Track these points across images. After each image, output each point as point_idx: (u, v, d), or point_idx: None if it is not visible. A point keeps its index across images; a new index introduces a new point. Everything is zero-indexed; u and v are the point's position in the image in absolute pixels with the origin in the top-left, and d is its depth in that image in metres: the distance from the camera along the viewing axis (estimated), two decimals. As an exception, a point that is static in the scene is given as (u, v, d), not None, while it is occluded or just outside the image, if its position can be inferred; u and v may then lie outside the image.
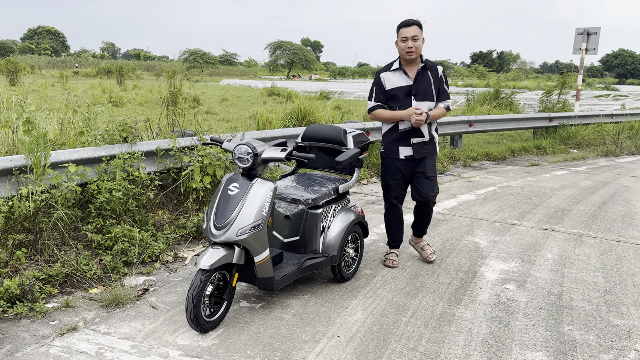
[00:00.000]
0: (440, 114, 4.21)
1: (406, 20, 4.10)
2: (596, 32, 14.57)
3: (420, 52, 4.12)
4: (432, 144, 4.28)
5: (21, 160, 4.20)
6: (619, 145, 12.55)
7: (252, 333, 3.26)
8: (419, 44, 4.06)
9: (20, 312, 3.37)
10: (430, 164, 4.29)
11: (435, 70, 4.19)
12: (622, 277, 4.39)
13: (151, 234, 4.57)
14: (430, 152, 4.29)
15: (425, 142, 4.24)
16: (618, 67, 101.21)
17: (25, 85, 22.07)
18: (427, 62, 4.17)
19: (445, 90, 4.23)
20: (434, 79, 4.17)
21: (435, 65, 4.20)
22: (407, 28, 4.05)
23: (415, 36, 4.03)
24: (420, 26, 4.09)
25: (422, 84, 4.14)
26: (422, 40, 4.09)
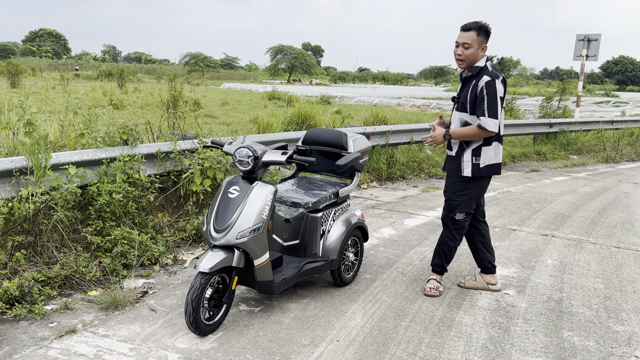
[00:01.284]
0: (467, 133, 3.71)
1: (465, 24, 3.73)
2: (597, 38, 14.60)
3: (475, 61, 3.71)
4: (456, 161, 3.86)
5: (22, 161, 4.20)
6: (619, 151, 12.56)
7: (251, 337, 3.25)
8: (469, 53, 3.67)
9: (19, 313, 3.36)
10: (447, 182, 3.97)
11: (479, 79, 3.67)
12: (622, 283, 4.38)
13: (151, 237, 4.56)
14: (452, 170, 3.90)
15: (451, 158, 3.92)
16: (618, 74, 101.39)
17: (26, 87, 22.08)
18: (477, 70, 3.72)
19: (480, 106, 3.64)
20: (473, 88, 3.70)
21: (483, 75, 3.67)
22: (462, 33, 3.71)
23: (467, 44, 3.66)
24: (480, 32, 3.67)
25: (464, 93, 3.78)
26: (480, 48, 3.68)
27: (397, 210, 6.51)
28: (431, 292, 3.96)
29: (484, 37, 3.71)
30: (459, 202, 3.87)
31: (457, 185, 3.87)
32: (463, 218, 3.91)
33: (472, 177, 3.80)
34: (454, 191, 3.88)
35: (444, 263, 4.04)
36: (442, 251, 4.02)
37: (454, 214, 3.90)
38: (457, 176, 3.86)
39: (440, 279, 4.07)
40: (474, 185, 3.84)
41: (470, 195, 3.85)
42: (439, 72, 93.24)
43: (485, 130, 3.64)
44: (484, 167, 3.79)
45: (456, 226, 3.93)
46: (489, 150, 3.78)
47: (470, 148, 3.79)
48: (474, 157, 3.78)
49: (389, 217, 6.17)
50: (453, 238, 3.97)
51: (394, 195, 7.37)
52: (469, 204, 3.88)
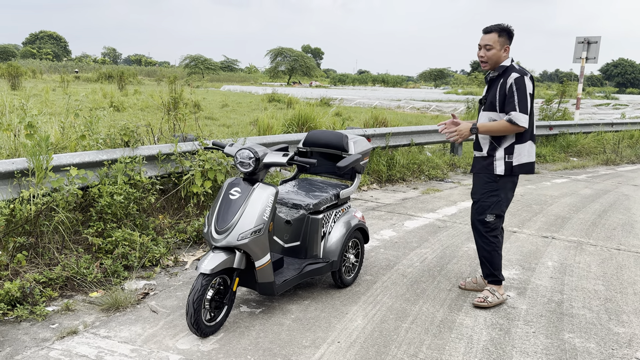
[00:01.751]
0: (496, 128, 3.62)
1: (487, 26, 3.73)
2: (596, 41, 14.64)
3: (498, 62, 3.71)
4: (488, 160, 3.76)
5: (23, 163, 4.21)
6: (619, 153, 12.58)
7: (252, 338, 3.26)
8: (492, 54, 3.68)
9: (20, 315, 3.36)
10: (475, 182, 3.86)
11: (507, 77, 3.65)
12: (623, 285, 4.39)
13: (152, 238, 4.57)
14: (482, 170, 3.79)
15: (482, 157, 3.81)
16: (618, 77, 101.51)
17: (26, 89, 22.10)
18: (504, 69, 3.71)
19: (510, 101, 3.59)
20: (500, 86, 3.66)
21: (511, 72, 3.65)
22: (483, 35, 3.72)
23: (489, 45, 3.67)
24: (502, 33, 3.68)
25: (491, 94, 3.73)
26: (502, 49, 3.68)
27: (397, 212, 6.52)
28: (477, 302, 3.81)
29: (506, 39, 3.69)
30: (489, 204, 3.76)
31: (488, 185, 3.76)
32: (494, 220, 3.78)
33: (504, 175, 3.71)
34: (484, 192, 3.78)
35: (492, 272, 3.86)
36: (483, 258, 3.88)
37: (484, 216, 3.79)
38: (488, 176, 3.76)
39: (496, 290, 3.88)
40: (504, 184, 3.75)
41: (500, 195, 3.75)
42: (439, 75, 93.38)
43: (515, 125, 3.55)
44: (517, 166, 3.70)
45: (487, 229, 3.81)
46: (522, 148, 3.70)
47: (503, 146, 3.71)
48: (506, 155, 3.70)
49: (389, 218, 6.18)
50: (488, 242, 3.82)
51: (394, 197, 7.38)
52: (500, 205, 3.77)
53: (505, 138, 3.71)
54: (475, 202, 3.85)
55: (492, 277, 3.89)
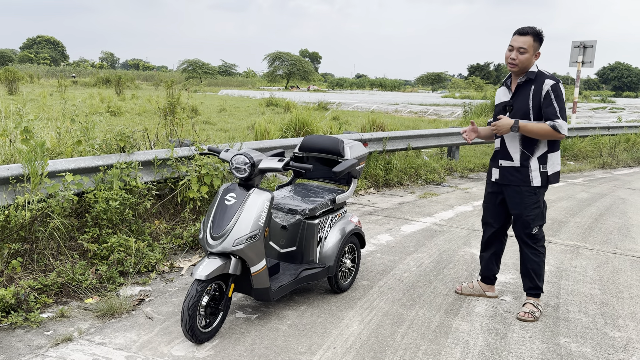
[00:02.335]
0: (538, 131, 3.50)
1: (522, 28, 3.60)
2: (592, 45, 14.68)
3: (528, 67, 3.59)
4: (522, 172, 3.65)
5: (18, 169, 4.20)
6: (615, 157, 12.60)
7: (248, 344, 3.25)
8: (525, 58, 3.54)
9: (14, 321, 3.35)
10: (513, 197, 3.71)
11: (541, 83, 3.54)
12: (619, 289, 4.39)
13: (147, 244, 4.56)
14: (517, 182, 3.66)
15: (514, 168, 3.67)
16: (614, 80, 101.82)
17: (23, 94, 22.09)
18: (534, 75, 3.59)
19: (551, 108, 3.49)
20: (534, 93, 3.55)
21: (544, 79, 3.54)
22: (518, 37, 3.57)
23: (523, 48, 3.53)
24: (536, 38, 3.56)
25: (520, 100, 3.61)
26: (534, 55, 3.57)
27: (394, 216, 6.52)
28: (525, 317, 3.70)
29: (539, 44, 3.60)
30: (533, 216, 3.67)
31: (529, 199, 3.65)
32: (539, 231, 3.73)
33: (541, 186, 3.64)
34: (526, 206, 3.66)
35: (537, 284, 3.78)
36: (531, 271, 3.77)
37: (530, 230, 3.70)
38: (527, 189, 3.65)
39: (538, 303, 3.80)
40: (542, 194, 3.69)
41: (541, 206, 3.69)
42: (436, 79, 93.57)
43: (557, 132, 3.47)
44: (551, 175, 3.66)
45: (534, 240, 3.74)
46: (554, 157, 3.66)
47: (536, 156, 3.62)
48: (541, 166, 3.62)
49: (386, 223, 6.18)
50: (537, 253, 3.75)
51: (391, 202, 7.38)
52: (543, 215, 3.72)
53: (538, 147, 3.62)
54: (518, 216, 3.73)
55: (535, 290, 3.81)
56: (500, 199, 3.86)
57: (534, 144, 3.62)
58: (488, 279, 4.09)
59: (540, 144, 3.62)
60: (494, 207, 3.92)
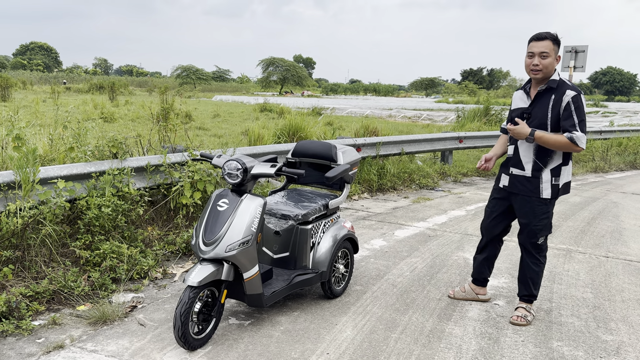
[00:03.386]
0: (554, 143, 3.42)
1: (538, 33, 3.52)
2: (584, 50, 14.78)
3: (551, 73, 3.51)
4: (533, 183, 3.60)
5: (10, 176, 4.18)
6: (607, 161, 12.68)
7: (241, 350, 3.24)
8: (548, 62, 3.46)
9: (6, 329, 3.32)
10: (522, 206, 3.69)
11: (561, 94, 3.45)
12: (611, 292, 4.41)
13: (140, 250, 4.54)
14: (527, 192, 3.63)
15: (525, 178, 3.63)
16: (607, 85, 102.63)
17: (16, 100, 22.00)
18: (556, 84, 3.51)
19: (570, 120, 3.41)
20: (554, 103, 3.47)
21: (566, 89, 3.45)
22: (537, 42, 3.49)
23: (545, 53, 3.45)
24: (555, 42, 3.49)
25: (538, 108, 3.54)
26: (556, 58, 3.50)
27: (387, 221, 6.53)
28: (518, 321, 3.71)
29: (558, 47, 3.52)
30: (540, 227, 3.66)
31: (538, 209, 3.63)
32: (544, 241, 3.74)
33: (551, 198, 3.61)
34: (535, 215, 3.64)
35: (532, 291, 3.79)
36: (529, 279, 3.77)
37: (536, 240, 3.70)
38: (537, 200, 3.62)
39: (530, 308, 3.80)
40: (552, 205, 3.67)
41: (549, 217, 3.68)
42: (430, 84, 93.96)
43: (575, 145, 3.39)
44: (562, 187, 3.62)
45: (538, 250, 3.74)
46: (567, 169, 3.61)
47: (549, 168, 3.56)
48: (553, 178, 3.57)
49: (379, 228, 6.18)
50: (538, 262, 3.76)
51: (385, 206, 7.39)
52: (550, 226, 3.71)
53: (552, 159, 3.56)
54: (525, 224, 3.72)
55: (529, 296, 3.81)
56: (506, 206, 3.83)
57: (548, 155, 3.56)
58: (478, 281, 4.10)
59: (554, 156, 3.57)
60: (496, 214, 3.91)
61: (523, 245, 3.81)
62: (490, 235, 3.98)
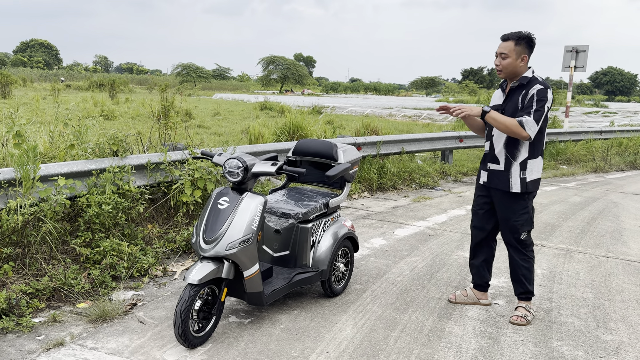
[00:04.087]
0: (504, 122, 3.50)
1: (504, 34, 3.65)
2: (584, 49, 14.80)
3: (515, 71, 3.62)
4: (505, 176, 3.67)
5: (10, 173, 4.18)
6: (608, 161, 12.68)
7: (241, 349, 3.24)
8: (507, 63, 3.59)
9: (6, 326, 3.33)
10: (501, 201, 3.74)
11: (530, 88, 3.57)
12: (611, 292, 4.41)
13: (140, 248, 4.54)
14: (501, 186, 3.69)
15: (500, 172, 3.69)
16: (607, 85, 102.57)
17: (16, 98, 22.00)
18: (527, 80, 3.61)
19: (529, 107, 3.51)
20: (522, 98, 3.57)
21: (535, 84, 3.57)
22: (501, 43, 3.64)
23: (504, 54, 3.59)
24: (519, 42, 3.58)
25: (511, 103, 3.64)
26: (519, 59, 3.58)
27: (388, 220, 6.53)
28: (518, 321, 3.72)
29: (524, 47, 3.59)
30: (521, 222, 3.70)
31: (517, 204, 3.68)
32: (527, 236, 3.75)
33: (521, 192, 3.65)
34: (515, 211, 3.69)
35: (528, 288, 3.81)
36: (522, 277, 3.79)
37: (519, 235, 3.73)
38: (514, 195, 3.67)
39: (530, 307, 3.82)
40: (529, 200, 3.70)
41: (529, 212, 3.71)
42: (430, 83, 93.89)
43: (522, 128, 3.45)
44: (530, 182, 3.65)
45: (523, 246, 3.76)
46: (534, 164, 3.65)
47: (518, 161, 3.64)
48: (521, 172, 3.63)
49: (379, 227, 6.18)
50: (526, 258, 3.77)
51: (385, 205, 7.39)
52: (531, 220, 3.74)
53: (520, 152, 3.63)
54: (505, 220, 3.75)
55: (526, 294, 3.83)
56: (491, 202, 3.86)
57: (515, 148, 3.64)
58: (480, 286, 4.07)
59: (521, 149, 3.63)
60: (483, 212, 3.92)
61: (508, 243, 3.83)
62: (482, 234, 3.95)
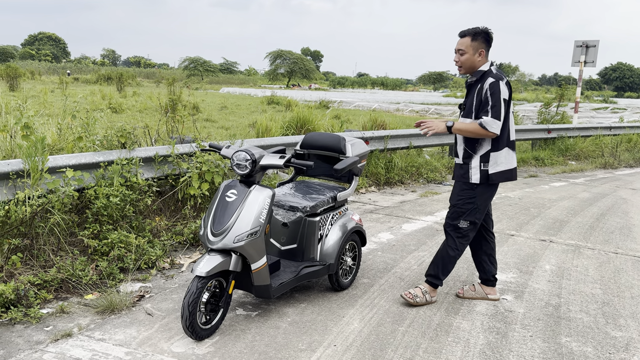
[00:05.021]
0: (468, 128, 3.57)
1: (461, 30, 3.69)
2: (595, 45, 14.64)
3: (474, 67, 3.67)
4: (464, 168, 3.74)
5: (18, 164, 4.19)
6: (617, 157, 12.58)
7: (248, 341, 3.24)
8: (465, 59, 3.64)
9: (14, 317, 3.34)
10: (455, 189, 3.81)
11: (484, 82, 3.60)
12: (620, 289, 4.38)
13: (148, 240, 4.55)
14: (459, 178, 3.78)
15: (459, 165, 3.80)
16: (616, 80, 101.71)
17: (24, 90, 22.09)
18: (481, 74, 3.65)
19: (485, 105, 3.54)
20: (477, 93, 3.62)
21: (487, 77, 3.59)
22: (459, 39, 3.69)
23: (461, 50, 3.64)
24: (475, 37, 3.62)
25: (469, 99, 3.72)
26: (477, 54, 3.63)
27: (395, 215, 6.51)
28: (407, 297, 3.81)
29: (481, 43, 3.63)
30: (464, 210, 3.73)
31: (465, 192, 3.73)
32: (467, 227, 3.75)
33: (480, 183, 3.68)
34: (460, 198, 3.74)
35: (439, 274, 3.84)
36: (440, 260, 3.84)
37: (458, 222, 3.76)
38: (465, 183, 3.73)
39: (427, 292, 3.86)
40: (481, 192, 3.70)
41: (476, 203, 3.71)
42: (438, 78, 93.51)
43: (485, 129, 3.50)
44: (493, 174, 3.65)
45: (459, 234, 3.78)
46: (498, 156, 3.65)
47: (479, 154, 3.66)
48: (482, 164, 3.65)
49: (387, 221, 6.16)
50: (455, 247, 3.80)
51: (392, 200, 7.37)
52: (475, 212, 3.73)
53: (481, 145, 3.65)
54: (452, 206, 3.81)
55: (434, 279, 3.87)
56: None
57: (475, 142, 3.68)
58: (488, 280, 4.04)
59: (483, 143, 3.65)
60: None
61: (445, 228, 3.88)
62: None
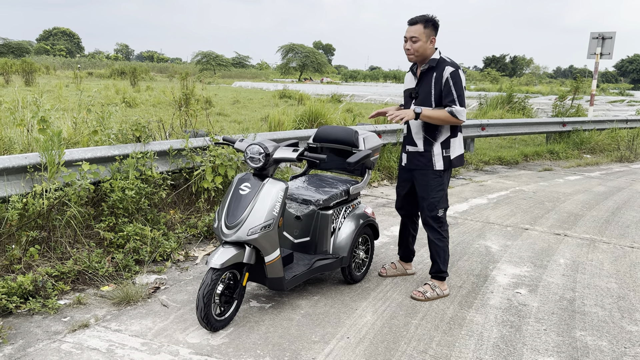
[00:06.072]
0: (438, 116, 3.61)
1: (411, 18, 3.70)
2: (611, 36, 14.44)
3: (426, 54, 3.68)
4: (426, 156, 3.78)
5: (36, 158, 4.25)
6: (633, 151, 12.42)
7: (262, 333, 3.26)
8: (418, 46, 3.64)
9: (32, 308, 3.40)
10: (420, 180, 3.84)
11: (441, 70, 3.63)
12: (636, 283, 4.34)
13: (163, 233, 4.59)
14: (422, 166, 3.80)
15: (419, 153, 3.81)
16: (633, 73, 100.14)
17: (40, 85, 22.32)
18: (436, 62, 3.67)
19: (449, 95, 3.60)
20: (435, 80, 3.65)
21: (445, 66, 3.64)
22: (409, 27, 3.68)
23: (414, 37, 3.63)
24: (427, 25, 3.63)
25: (423, 87, 3.72)
26: (428, 41, 3.64)
27: (408, 208, 6.49)
28: (417, 296, 3.84)
29: (432, 30, 3.66)
30: (438, 199, 3.81)
31: (433, 181, 3.80)
32: (444, 214, 3.86)
33: (444, 169, 3.79)
34: (432, 188, 3.80)
35: (441, 268, 3.90)
36: (435, 255, 3.90)
37: (436, 212, 3.82)
38: (432, 172, 3.79)
39: (436, 285, 3.90)
40: (446, 178, 3.85)
41: (445, 189, 3.85)
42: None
43: (455, 117, 3.60)
44: (454, 159, 3.81)
45: (439, 223, 3.85)
46: (456, 141, 3.80)
47: (439, 141, 3.75)
48: (444, 150, 3.76)
49: (399, 215, 6.14)
50: (441, 237, 3.87)
51: (405, 194, 7.34)
52: (446, 198, 3.86)
53: (441, 133, 3.75)
54: (424, 199, 3.84)
55: (439, 273, 3.93)
56: (410, 185, 3.98)
57: (435, 130, 3.75)
58: (408, 257, 4.30)
59: (442, 130, 3.75)
60: (406, 192, 4.04)
61: (425, 222, 3.91)
62: (407, 212, 4.14)
